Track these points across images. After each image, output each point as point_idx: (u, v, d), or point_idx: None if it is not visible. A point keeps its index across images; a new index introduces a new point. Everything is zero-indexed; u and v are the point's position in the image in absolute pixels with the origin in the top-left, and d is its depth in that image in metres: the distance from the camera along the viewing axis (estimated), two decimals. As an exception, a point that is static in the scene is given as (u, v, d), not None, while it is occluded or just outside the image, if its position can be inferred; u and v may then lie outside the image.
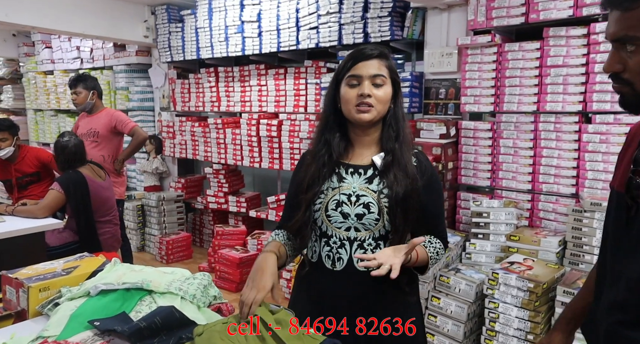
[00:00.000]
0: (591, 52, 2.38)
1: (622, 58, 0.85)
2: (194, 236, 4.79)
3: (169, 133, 4.71)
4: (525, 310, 2.09)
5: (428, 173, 1.29)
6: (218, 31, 4.12)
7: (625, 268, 0.91)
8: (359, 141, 1.30)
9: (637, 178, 0.90)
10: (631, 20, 0.81)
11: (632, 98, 0.88)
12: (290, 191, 1.38)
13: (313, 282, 1.32)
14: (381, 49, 1.26)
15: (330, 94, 1.30)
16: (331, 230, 1.28)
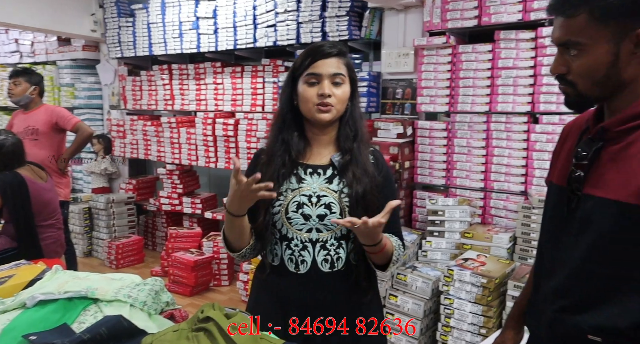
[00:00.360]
0: (539, 55, 2.48)
1: (567, 61, 0.91)
2: (146, 239, 4.60)
3: (119, 132, 4.50)
4: (478, 305, 2.14)
5: (384, 171, 1.29)
6: (172, 27, 3.98)
7: (567, 257, 0.96)
8: (317, 140, 1.28)
9: (577, 171, 0.94)
10: (573, 26, 0.88)
11: (575, 98, 0.94)
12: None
13: (276, 286, 1.28)
14: (339, 46, 1.24)
15: (286, 92, 1.27)
16: (292, 233, 1.25)
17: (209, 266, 3.67)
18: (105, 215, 4.32)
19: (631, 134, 0.89)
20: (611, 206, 0.88)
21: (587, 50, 0.88)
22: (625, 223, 0.87)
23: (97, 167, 4.59)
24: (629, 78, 0.89)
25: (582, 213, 0.93)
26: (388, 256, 1.23)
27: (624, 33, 0.86)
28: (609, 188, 0.89)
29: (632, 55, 0.87)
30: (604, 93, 0.92)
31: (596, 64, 0.88)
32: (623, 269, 0.88)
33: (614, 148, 0.91)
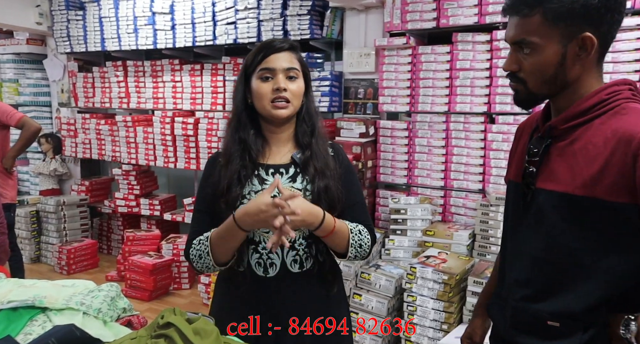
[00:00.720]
0: (494, 57, 2.56)
1: (519, 59, 0.96)
2: (101, 243, 4.41)
3: (70, 131, 4.28)
4: (440, 301, 2.18)
5: (345, 163, 1.28)
6: (126, 22, 3.82)
7: (525, 248, 1.02)
8: (275, 138, 1.25)
9: (530, 167, 1.00)
10: (528, 26, 0.92)
11: (525, 96, 0.99)
12: (201, 200, 1.26)
13: (243, 293, 1.23)
14: (290, 41, 1.23)
15: (240, 90, 1.23)
16: (258, 236, 1.22)
17: (168, 269, 3.56)
18: (55, 218, 4.10)
19: (576, 131, 0.96)
20: (560, 198, 0.94)
21: (538, 50, 0.92)
22: (572, 213, 0.93)
23: (46, 167, 4.35)
24: (572, 79, 0.95)
25: (535, 206, 0.99)
26: (344, 242, 1.19)
27: (572, 36, 0.91)
28: (558, 182, 0.95)
29: (577, 57, 0.93)
30: (551, 91, 0.97)
31: (546, 63, 0.93)
32: (574, 257, 0.94)
33: (561, 145, 0.97)
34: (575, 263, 0.94)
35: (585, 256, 0.93)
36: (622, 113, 0.92)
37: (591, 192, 0.90)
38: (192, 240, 1.23)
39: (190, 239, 1.24)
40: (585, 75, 0.95)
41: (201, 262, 1.20)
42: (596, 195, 0.90)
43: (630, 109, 0.92)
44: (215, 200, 1.20)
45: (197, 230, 1.24)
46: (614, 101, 0.93)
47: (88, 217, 4.31)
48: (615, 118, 0.92)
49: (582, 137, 0.94)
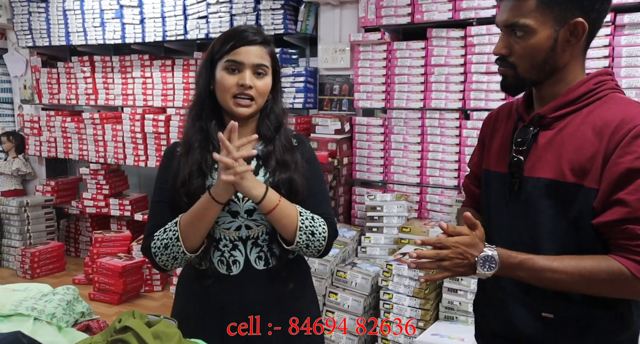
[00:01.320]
0: (468, 53, 2.56)
1: (510, 43, 0.96)
2: (68, 245, 4.24)
3: (34, 129, 4.10)
4: (416, 299, 2.16)
5: (307, 154, 1.23)
6: (92, 15, 3.68)
7: (515, 237, 1.00)
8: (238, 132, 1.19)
9: (517, 156, 1.00)
10: (524, 8, 0.92)
11: (514, 81, 0.99)
12: (160, 191, 1.18)
13: (206, 292, 1.17)
14: (264, 34, 1.16)
15: (204, 76, 1.16)
16: (219, 233, 1.15)
17: (139, 271, 3.44)
18: (18, 220, 3.91)
19: (564, 119, 0.96)
20: (548, 185, 0.95)
21: (532, 33, 0.93)
22: (561, 200, 0.94)
23: (7, 167, 4.15)
24: (561, 65, 0.96)
25: (524, 195, 0.99)
26: (290, 223, 1.10)
27: (564, 21, 0.92)
28: (546, 169, 0.96)
29: (567, 43, 0.94)
30: (540, 76, 0.97)
31: (538, 47, 0.93)
32: (566, 244, 0.94)
33: (549, 134, 0.97)
34: (567, 250, 0.94)
35: (573, 243, 0.94)
36: (610, 103, 0.93)
37: (580, 180, 0.91)
38: (152, 233, 1.15)
39: (150, 232, 1.15)
40: (572, 62, 0.96)
41: (167, 252, 1.10)
42: (584, 183, 0.91)
43: (617, 99, 0.94)
44: (175, 192, 1.13)
45: (157, 223, 1.15)
46: (601, 90, 0.95)
47: (54, 219, 4.13)
48: (603, 107, 0.93)
49: (570, 125, 0.94)
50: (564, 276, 0.90)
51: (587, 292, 0.92)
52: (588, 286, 0.91)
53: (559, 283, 0.91)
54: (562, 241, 0.95)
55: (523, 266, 0.93)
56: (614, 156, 0.88)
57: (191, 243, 1.10)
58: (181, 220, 1.11)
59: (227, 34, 1.15)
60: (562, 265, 0.91)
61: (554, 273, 0.91)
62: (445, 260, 0.93)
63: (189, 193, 1.11)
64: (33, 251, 3.69)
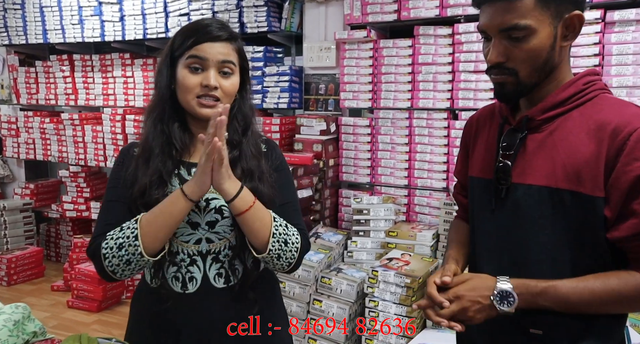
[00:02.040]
0: (456, 51, 2.48)
1: (507, 49, 0.89)
2: (48, 250, 4.11)
3: (11, 130, 3.97)
4: (403, 306, 2.08)
5: (278, 161, 1.14)
6: (70, 12, 3.56)
7: (502, 248, 0.95)
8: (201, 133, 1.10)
9: (503, 161, 0.94)
10: (521, 9, 0.85)
11: (514, 88, 0.91)
12: (113, 191, 1.06)
13: (158, 310, 1.05)
14: (230, 29, 1.06)
15: (164, 75, 1.05)
16: (176, 246, 1.05)
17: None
18: (-5, 224, 3.79)
19: (553, 122, 0.91)
20: (540, 192, 0.89)
21: (533, 33, 0.86)
22: (554, 208, 0.88)
23: (-16, 170, 4.02)
24: (556, 64, 0.91)
25: (511, 202, 0.93)
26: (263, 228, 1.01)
27: (560, 16, 0.87)
28: (538, 175, 0.90)
29: (564, 40, 0.89)
30: (540, 79, 0.91)
31: (540, 47, 0.87)
32: (557, 253, 0.89)
33: (538, 137, 0.91)
34: (554, 262, 0.89)
35: (565, 253, 0.88)
36: (602, 104, 0.88)
37: (575, 186, 0.86)
38: (105, 233, 1.00)
39: (101, 232, 1.01)
40: (564, 61, 0.92)
41: (121, 254, 0.97)
42: (579, 189, 0.86)
43: (608, 100, 0.89)
44: (132, 201, 1.03)
45: (110, 222, 1.02)
46: (590, 91, 0.90)
47: (33, 223, 4.01)
48: (595, 109, 0.88)
49: (561, 128, 0.89)
50: (591, 299, 0.84)
51: (615, 311, 0.88)
52: (616, 306, 0.86)
53: (587, 307, 0.86)
54: (555, 251, 0.89)
55: (546, 295, 0.86)
56: (620, 164, 0.82)
57: (151, 245, 0.98)
58: (143, 217, 0.99)
59: (189, 27, 1.05)
60: (588, 289, 0.85)
61: (580, 297, 0.85)
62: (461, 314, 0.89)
63: (148, 205, 1.01)
64: (10, 257, 3.56)
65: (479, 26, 0.92)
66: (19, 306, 1.08)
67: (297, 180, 2.48)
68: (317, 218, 2.73)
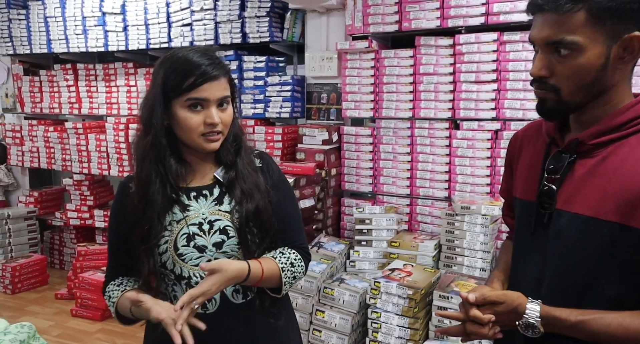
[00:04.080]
0: (457, 62, 2.49)
1: (551, 63, 0.84)
2: (52, 258, 4.13)
3: (16, 138, 4.00)
4: (405, 317, 2.09)
5: (275, 175, 1.15)
6: (74, 22, 3.59)
7: (538, 273, 0.91)
8: (196, 161, 1.11)
9: (548, 185, 0.89)
10: (570, 24, 0.80)
11: (555, 105, 0.86)
12: (115, 231, 1.12)
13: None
14: (221, 63, 1.05)
15: (157, 112, 1.02)
16: (187, 271, 1.07)
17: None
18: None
19: (606, 147, 0.85)
20: (586, 223, 0.84)
21: (581, 51, 0.81)
22: (603, 241, 0.83)
23: (-11, 178, 4.05)
24: (609, 86, 0.85)
25: (554, 229, 0.89)
26: (275, 280, 1.08)
27: (617, 36, 0.81)
28: (585, 204, 0.85)
29: (620, 61, 0.83)
30: (586, 99, 0.86)
31: (588, 67, 0.82)
32: (599, 288, 0.85)
33: (589, 162, 0.86)
34: (594, 296, 0.85)
35: (608, 288, 0.84)
36: None
37: (625, 219, 0.81)
38: (109, 280, 1.13)
39: (107, 274, 1.13)
40: (621, 82, 0.85)
41: (113, 310, 1.12)
42: (630, 223, 0.80)
43: None
44: (133, 241, 1.05)
45: (114, 266, 1.13)
46: None
47: (37, 231, 4.03)
48: None
49: (615, 155, 0.83)
50: (624, 338, 0.81)
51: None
52: None
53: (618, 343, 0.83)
54: (598, 286, 0.85)
55: (576, 331, 0.84)
56: None
57: (125, 321, 1.12)
58: (118, 301, 1.09)
59: (181, 68, 1.01)
60: (623, 326, 0.81)
61: (612, 335, 0.82)
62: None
63: (148, 245, 1.04)
64: (14, 265, 3.58)
65: (529, 35, 0.88)
66: (25, 326, 1.10)
67: (300, 190, 2.50)
68: (319, 227, 2.74)
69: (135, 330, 3.09)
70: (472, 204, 2.31)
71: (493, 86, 2.43)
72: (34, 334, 1.10)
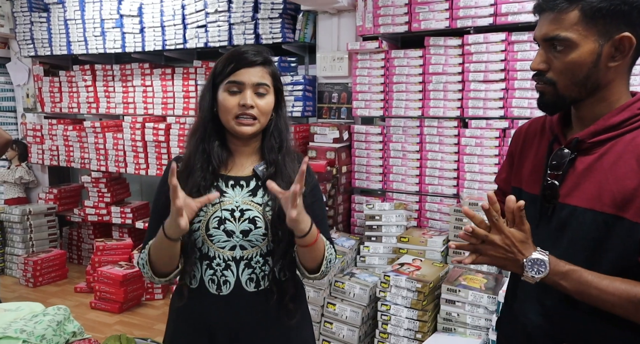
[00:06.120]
0: (465, 61, 2.55)
1: (549, 58, 0.91)
2: (71, 253, 4.26)
3: (36, 137, 4.13)
4: (414, 310, 2.15)
5: (313, 179, 1.24)
6: (92, 24, 3.70)
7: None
8: (239, 151, 1.20)
9: (551, 180, 0.95)
10: (565, 21, 0.88)
11: (552, 98, 0.93)
12: (158, 205, 1.20)
13: (195, 311, 1.17)
14: (265, 54, 1.17)
15: (207, 98, 1.17)
16: (213, 251, 1.15)
17: (140, 279, 3.44)
18: (21, 228, 3.94)
19: (604, 145, 0.91)
20: (586, 215, 0.90)
21: (574, 47, 0.88)
22: (599, 231, 0.89)
23: (11, 175, 4.18)
24: (604, 83, 0.90)
25: (557, 221, 0.95)
26: (320, 254, 1.15)
27: (609, 35, 0.87)
28: (584, 198, 0.91)
29: (611, 60, 0.89)
30: (580, 94, 0.92)
31: (580, 62, 0.88)
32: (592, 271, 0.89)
33: (588, 159, 0.92)
34: None
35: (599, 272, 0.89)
36: None
37: (620, 211, 0.87)
38: (143, 248, 1.19)
39: (142, 246, 1.20)
40: (616, 80, 0.91)
41: (144, 271, 1.16)
42: (625, 215, 0.86)
43: None
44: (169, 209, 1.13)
45: (149, 237, 1.19)
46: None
47: (56, 226, 4.16)
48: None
49: (611, 152, 0.90)
50: (611, 298, 0.86)
51: (630, 317, 0.88)
52: (632, 312, 0.87)
53: (602, 302, 0.87)
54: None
55: (569, 277, 0.88)
56: None
57: (159, 270, 1.14)
58: (150, 247, 1.14)
59: (228, 56, 1.16)
60: (612, 286, 0.86)
61: (600, 291, 0.86)
62: (489, 245, 0.89)
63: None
64: (35, 260, 3.71)
65: (533, 34, 0.96)
66: (61, 308, 1.19)
67: (311, 187, 2.57)
68: (330, 223, 2.82)
69: (153, 322, 3.20)
70: (480, 200, 2.36)
71: (501, 85, 2.47)
72: (68, 316, 1.19)
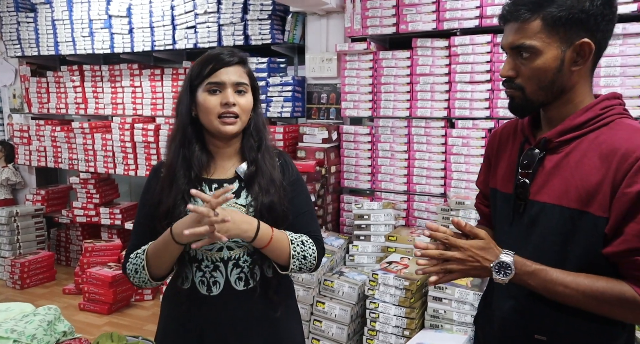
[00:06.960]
0: (452, 63, 2.59)
1: (517, 65, 0.97)
2: (59, 254, 4.23)
3: (23, 138, 4.10)
4: (402, 307, 2.18)
5: (294, 174, 1.26)
6: (80, 25, 3.69)
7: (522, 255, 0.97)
8: (220, 153, 1.21)
9: (522, 179, 1.00)
10: (528, 30, 0.93)
11: (521, 102, 0.98)
12: (142, 212, 1.22)
13: (186, 312, 1.19)
14: (240, 54, 1.19)
15: (185, 102, 1.18)
16: (201, 254, 1.17)
17: (129, 280, 3.43)
18: (8, 230, 3.90)
19: (570, 144, 0.96)
20: (554, 210, 0.95)
21: (539, 54, 0.93)
22: (566, 226, 0.94)
23: (-3, 177, 4.14)
24: (568, 86, 0.96)
25: (528, 217, 0.99)
26: (283, 253, 1.14)
27: (570, 41, 0.92)
28: (552, 194, 0.96)
29: (574, 64, 0.94)
30: (547, 98, 0.97)
31: (545, 68, 0.93)
32: (562, 265, 0.94)
33: (555, 158, 0.97)
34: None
35: (574, 268, 0.93)
36: (617, 129, 0.93)
37: (585, 206, 0.91)
38: (129, 254, 1.19)
39: (127, 253, 1.20)
40: (580, 83, 0.96)
41: (137, 277, 1.16)
42: (589, 210, 0.91)
43: (624, 125, 0.94)
44: (157, 220, 1.15)
45: (135, 244, 1.20)
46: (608, 116, 0.94)
47: (44, 228, 4.13)
48: (610, 133, 0.93)
49: (576, 150, 0.94)
50: (575, 293, 0.90)
51: (594, 311, 0.92)
52: (597, 306, 0.91)
53: (568, 298, 0.91)
54: (561, 266, 0.94)
55: (535, 276, 0.92)
56: (623, 185, 0.87)
57: (156, 273, 1.15)
58: (148, 249, 1.14)
59: (203, 58, 1.17)
60: (575, 282, 0.91)
61: (565, 288, 0.91)
62: (452, 262, 0.92)
63: (170, 223, 1.12)
64: (23, 262, 3.68)
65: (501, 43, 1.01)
66: (51, 308, 1.20)
67: (301, 187, 2.59)
68: (319, 223, 2.84)
69: (142, 323, 3.20)
70: (467, 199, 2.41)
71: (487, 86, 2.52)
72: (59, 316, 1.20)
